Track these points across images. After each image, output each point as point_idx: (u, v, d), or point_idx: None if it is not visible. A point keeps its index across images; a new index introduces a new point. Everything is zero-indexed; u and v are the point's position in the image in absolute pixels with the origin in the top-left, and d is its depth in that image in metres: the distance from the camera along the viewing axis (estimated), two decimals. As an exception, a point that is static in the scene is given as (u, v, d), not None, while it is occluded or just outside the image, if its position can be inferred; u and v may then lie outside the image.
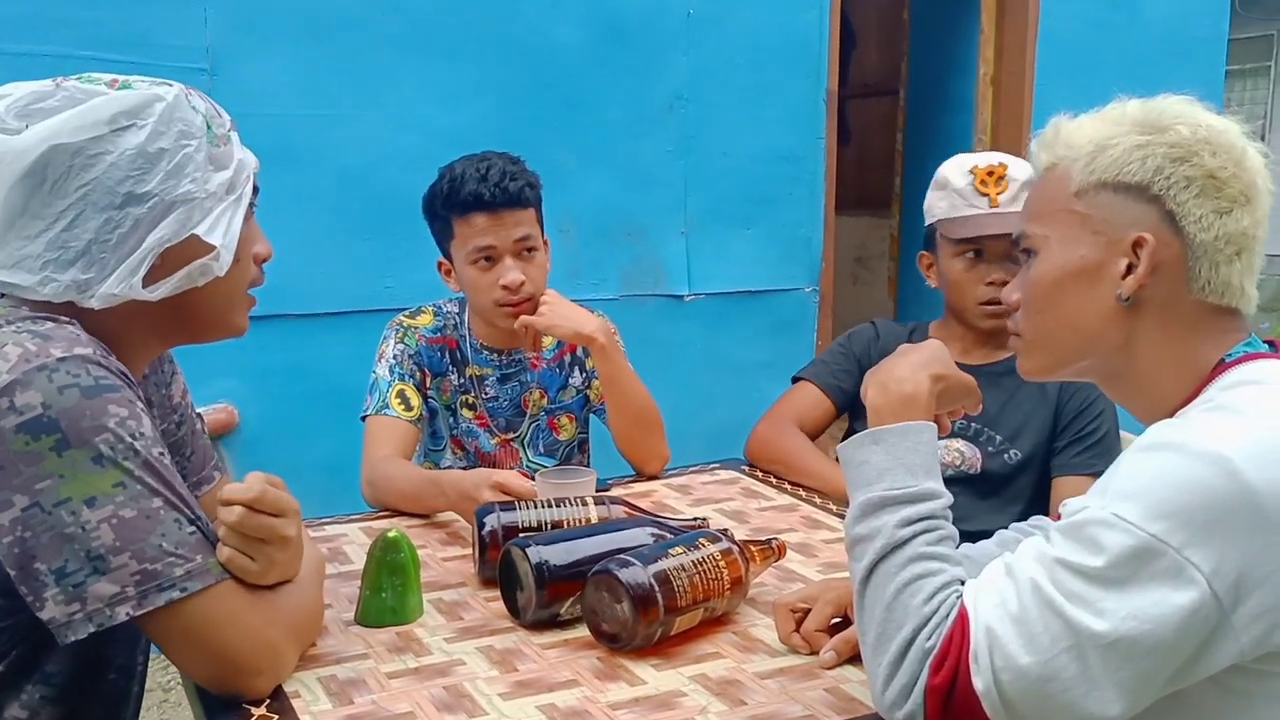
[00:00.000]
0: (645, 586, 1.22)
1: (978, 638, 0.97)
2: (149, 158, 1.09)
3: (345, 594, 1.43)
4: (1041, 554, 0.99)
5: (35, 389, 1.00)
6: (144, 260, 1.10)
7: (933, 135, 4.79)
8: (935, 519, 1.07)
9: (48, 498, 1.00)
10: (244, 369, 3.12)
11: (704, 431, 3.06)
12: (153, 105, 1.10)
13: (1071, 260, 1.10)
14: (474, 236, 1.91)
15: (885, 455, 1.10)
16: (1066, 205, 1.11)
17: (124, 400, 1.05)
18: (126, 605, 1.02)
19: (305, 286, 3.14)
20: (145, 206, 1.09)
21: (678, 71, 3.70)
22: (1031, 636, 0.95)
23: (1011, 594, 0.98)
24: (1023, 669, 0.95)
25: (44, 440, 1.00)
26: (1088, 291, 1.10)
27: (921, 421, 1.13)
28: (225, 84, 3.00)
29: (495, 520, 1.47)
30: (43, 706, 1.12)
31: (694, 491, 1.95)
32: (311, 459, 3.08)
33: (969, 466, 1.99)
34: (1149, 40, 4.40)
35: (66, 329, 1.08)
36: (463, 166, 1.92)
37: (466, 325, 2.06)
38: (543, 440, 2.09)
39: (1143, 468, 0.98)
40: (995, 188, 1.93)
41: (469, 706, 1.13)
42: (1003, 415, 1.99)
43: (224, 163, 1.16)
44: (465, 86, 3.36)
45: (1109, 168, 1.08)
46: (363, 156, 3.21)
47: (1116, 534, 0.94)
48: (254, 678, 1.12)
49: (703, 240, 3.82)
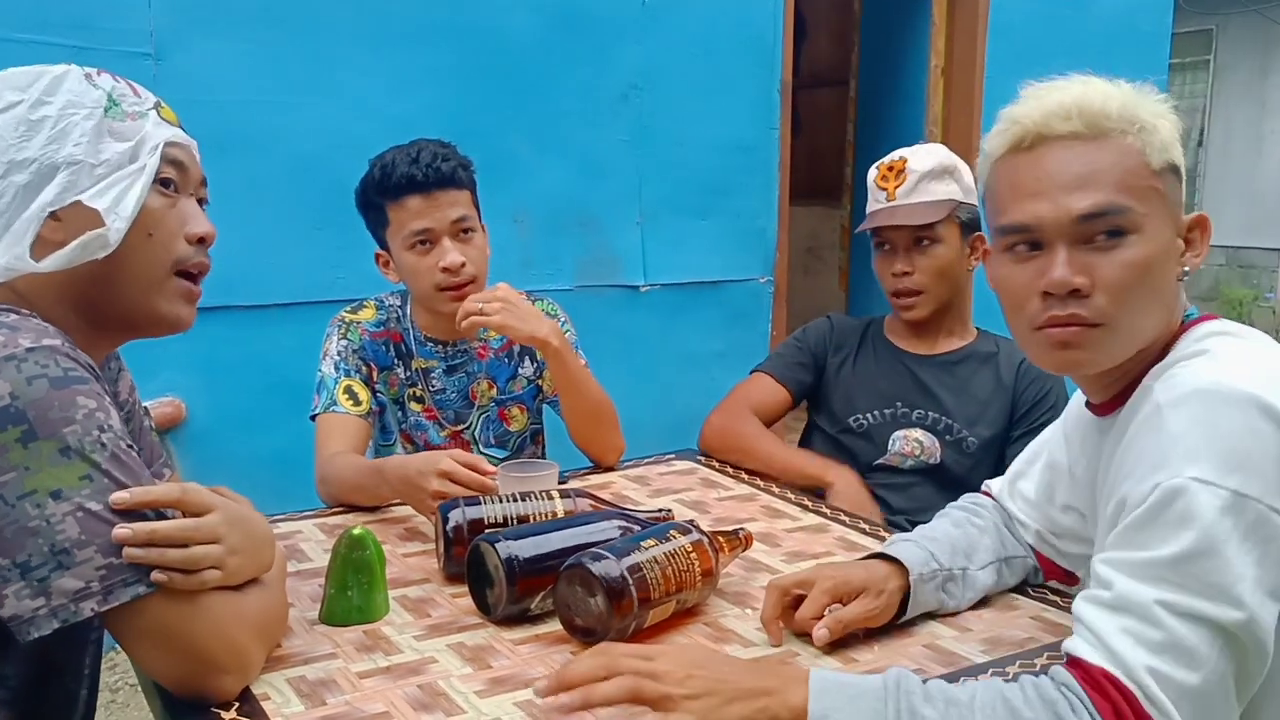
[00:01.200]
0: (619, 579, 1.21)
1: (1144, 683, 0.94)
2: (31, 125, 1.08)
3: (307, 592, 1.40)
4: (1148, 567, 0.96)
5: (3, 379, 0.98)
6: (29, 227, 1.07)
7: (883, 126, 4.83)
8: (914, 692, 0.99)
9: (11, 490, 0.97)
10: (191, 362, 3.05)
11: (660, 422, 3.05)
12: (40, 79, 1.10)
13: (1164, 240, 1.09)
14: (409, 220, 1.88)
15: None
16: (1150, 183, 1.08)
17: (92, 393, 1.03)
18: (91, 601, 0.99)
19: (254, 277, 3.08)
20: (27, 172, 1.08)
21: (632, 61, 3.68)
22: (1190, 654, 0.94)
23: (1145, 627, 0.95)
24: (1195, 690, 0.94)
25: (10, 431, 0.97)
26: (1170, 272, 1.11)
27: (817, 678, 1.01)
28: (170, 69, 2.93)
29: (460, 515, 1.44)
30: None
31: (652, 483, 1.94)
32: (262, 453, 3.03)
33: (928, 456, 2.01)
34: (1097, 33, 4.47)
35: (32, 320, 1.05)
36: (392, 153, 1.89)
37: (409, 318, 2.03)
38: (493, 431, 2.07)
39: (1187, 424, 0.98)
40: (894, 181, 1.98)
41: (445, 705, 1.11)
42: (959, 403, 2.02)
43: (126, 135, 1.13)
44: (418, 74, 3.31)
45: (1169, 148, 1.10)
46: (313, 145, 3.16)
47: (1201, 497, 0.95)
48: (221, 677, 1.09)
49: (657, 230, 3.81)
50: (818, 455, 2.04)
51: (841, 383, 2.11)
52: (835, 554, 1.57)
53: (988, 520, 1.44)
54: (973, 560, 1.38)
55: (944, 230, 1.97)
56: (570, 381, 1.95)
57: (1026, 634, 1.30)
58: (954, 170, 2.00)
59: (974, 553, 1.39)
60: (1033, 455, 1.44)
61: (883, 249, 2.03)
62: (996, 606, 1.39)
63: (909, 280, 1.99)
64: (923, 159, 1.99)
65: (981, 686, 0.99)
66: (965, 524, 1.42)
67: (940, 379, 2.05)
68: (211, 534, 1.06)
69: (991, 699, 0.97)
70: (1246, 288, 10.51)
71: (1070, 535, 1.38)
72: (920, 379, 2.05)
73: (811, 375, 2.15)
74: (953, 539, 1.38)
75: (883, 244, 2.03)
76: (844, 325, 2.18)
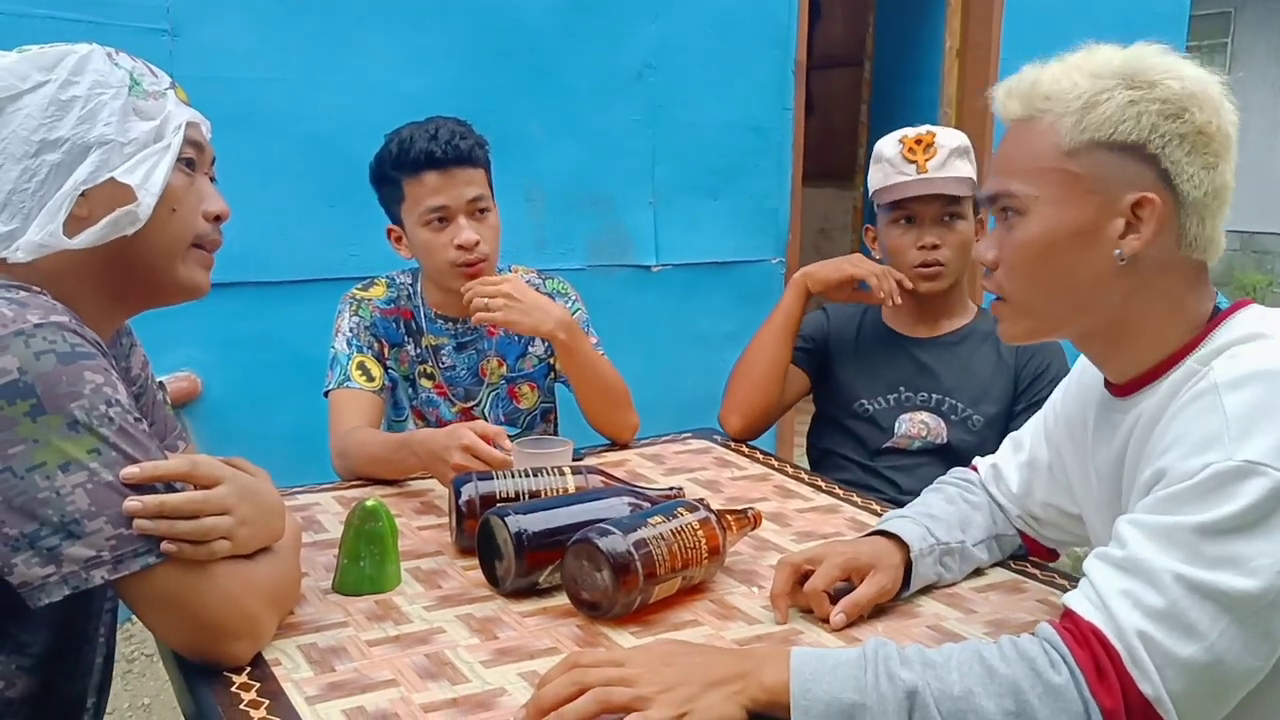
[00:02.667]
0: (625, 555, 1.23)
1: (1131, 644, 0.94)
2: (61, 105, 1.10)
3: (321, 562, 1.42)
4: (1170, 531, 0.96)
5: (12, 354, 0.99)
6: (62, 205, 1.09)
7: (897, 107, 4.81)
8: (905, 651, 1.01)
9: (20, 462, 0.99)
10: (207, 337, 3.08)
11: (672, 402, 3.06)
12: (65, 59, 1.12)
13: (1065, 222, 1.08)
14: (426, 196, 1.89)
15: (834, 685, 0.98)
16: (1057, 164, 1.08)
17: (99, 368, 1.05)
18: (102, 569, 1.01)
19: (268, 254, 3.10)
20: (60, 151, 1.09)
21: (646, 40, 3.67)
22: (1188, 626, 0.93)
23: (1147, 590, 0.95)
24: (1186, 661, 0.93)
25: (19, 405, 0.99)
26: (1083, 253, 1.08)
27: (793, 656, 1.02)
28: (186, 45, 2.94)
29: (473, 490, 1.46)
30: (18, 676, 1.12)
31: (667, 461, 1.96)
32: (276, 428, 3.06)
33: (934, 437, 2.02)
34: (1114, 14, 4.44)
35: (41, 297, 1.07)
36: (410, 130, 1.91)
37: (420, 295, 2.04)
38: (503, 409, 2.08)
39: (1248, 405, 0.96)
40: (924, 155, 1.98)
41: (451, 674, 1.13)
42: (961, 383, 2.02)
43: (150, 114, 1.15)
44: (432, 53, 3.31)
45: (1102, 126, 1.05)
46: (327, 122, 3.17)
47: (1254, 480, 0.93)
48: (233, 643, 1.11)
49: (670, 210, 3.81)
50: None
51: (844, 371, 2.12)
52: (845, 534, 1.58)
53: (980, 497, 1.45)
54: (968, 534, 1.39)
55: (967, 208, 2.00)
56: (579, 369, 1.96)
57: (1032, 616, 1.31)
58: (970, 152, 2.03)
59: (969, 527, 1.40)
60: (1014, 447, 1.45)
61: (905, 222, 2.01)
62: (1002, 589, 1.40)
63: (937, 253, 1.99)
64: (951, 136, 2.00)
65: (959, 648, 1.00)
66: (958, 500, 1.44)
67: (942, 360, 2.05)
68: (221, 505, 1.08)
69: (968, 658, 0.98)
70: (1261, 273, 10.45)
71: (1050, 524, 1.41)
72: (921, 361, 2.06)
73: (815, 365, 2.16)
74: (948, 514, 1.40)
75: (906, 217, 2.01)
76: (839, 314, 2.19)
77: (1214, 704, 0.97)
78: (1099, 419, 1.22)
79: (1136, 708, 0.94)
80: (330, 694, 1.09)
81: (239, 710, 1.05)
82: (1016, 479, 1.42)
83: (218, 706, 1.06)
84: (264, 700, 1.07)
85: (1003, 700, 0.94)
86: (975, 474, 1.50)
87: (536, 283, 2.09)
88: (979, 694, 0.95)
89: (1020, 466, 1.42)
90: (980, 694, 0.95)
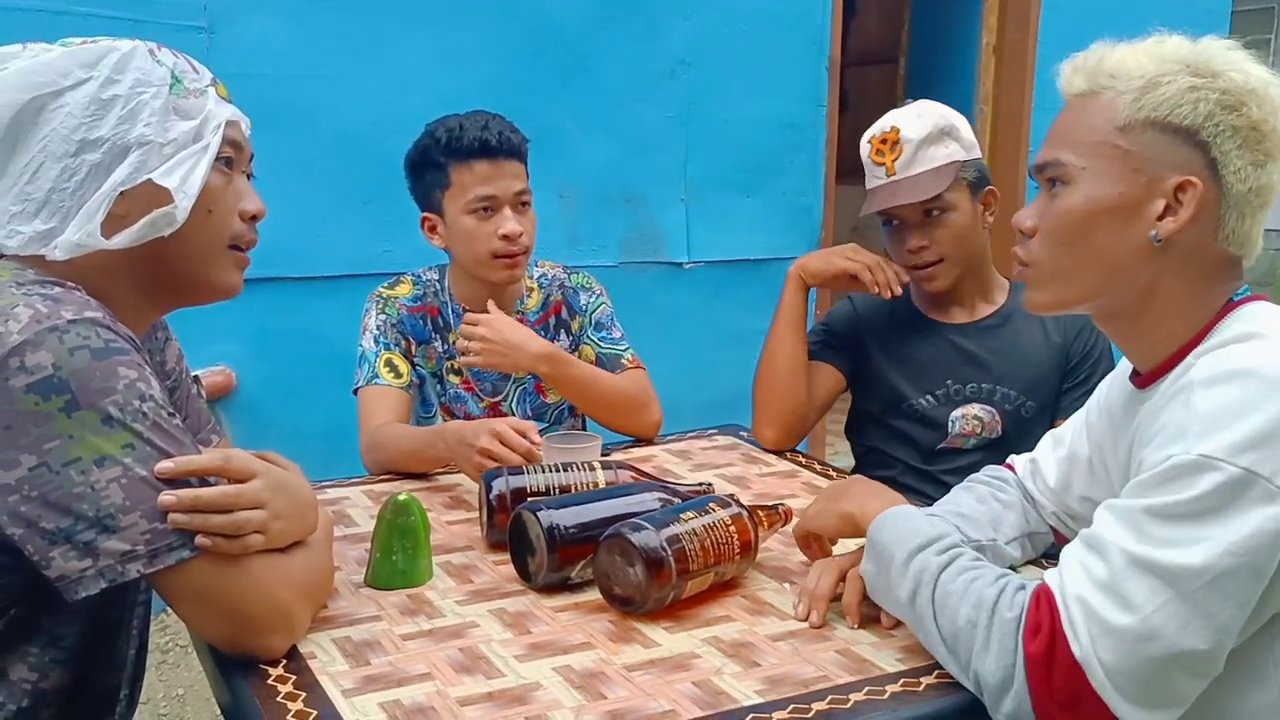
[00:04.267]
0: (658, 550, 1.22)
1: (1069, 607, 1.01)
2: (102, 104, 1.09)
3: (353, 556, 1.43)
4: (1125, 511, 1.01)
5: (46, 350, 1.00)
6: (101, 205, 1.09)
7: (933, 104, 4.76)
8: (961, 547, 1.14)
9: (56, 458, 1.00)
10: (242, 332, 3.10)
11: (703, 400, 3.06)
12: (108, 56, 1.11)
13: (1109, 195, 1.09)
14: (476, 184, 1.91)
15: (891, 537, 1.18)
16: (1108, 138, 1.09)
17: (133, 363, 1.05)
18: (138, 563, 1.02)
19: (303, 249, 3.12)
20: (100, 151, 1.09)
21: (679, 37, 3.67)
22: (1124, 597, 0.98)
23: (1096, 562, 1.01)
24: (1120, 630, 0.98)
25: (54, 401, 0.99)
26: (1120, 229, 1.10)
27: (893, 508, 1.23)
28: (223, 42, 2.97)
29: (503, 484, 1.47)
30: (52, 669, 1.13)
31: (694, 457, 1.95)
32: (310, 422, 3.07)
33: (989, 431, 1.93)
34: (1154, 9, 4.35)
35: (75, 293, 1.08)
36: (459, 119, 1.92)
37: (447, 290, 2.05)
38: (529, 403, 2.09)
39: (1216, 402, 0.99)
40: (890, 155, 1.88)
41: (485, 668, 1.14)
42: (1009, 368, 1.93)
43: (190, 113, 1.15)
44: (466, 50, 3.32)
45: (1159, 106, 1.07)
46: (362, 119, 3.18)
47: (1208, 474, 0.96)
48: (268, 637, 1.12)
49: (703, 208, 3.80)
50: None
51: (883, 366, 2.01)
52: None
53: (1013, 495, 1.43)
54: (1000, 533, 1.38)
55: (953, 196, 1.87)
56: (573, 394, 1.97)
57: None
58: (951, 130, 1.89)
59: (1000, 526, 1.39)
60: (1054, 442, 1.44)
61: (891, 225, 1.93)
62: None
63: (925, 254, 1.89)
64: (915, 125, 1.87)
65: (981, 565, 1.12)
66: (989, 499, 1.42)
67: (987, 346, 1.95)
68: (254, 499, 1.09)
69: (960, 573, 1.10)
70: (1303, 274, 10.27)
71: (1086, 520, 1.38)
72: (965, 350, 1.95)
73: (849, 359, 2.05)
74: (978, 513, 1.39)
75: (890, 220, 1.92)
76: (867, 304, 2.06)
77: (1157, 682, 0.99)
78: (1126, 412, 1.23)
79: (1063, 664, 1.00)
80: (366, 687, 1.09)
81: (276, 702, 1.06)
82: (1055, 474, 1.41)
83: (255, 699, 1.07)
84: (300, 692, 1.08)
85: (968, 611, 1.07)
86: (1009, 472, 1.48)
87: (562, 278, 2.10)
88: (957, 595, 1.08)
89: (1059, 461, 1.40)
90: (953, 603, 1.08)
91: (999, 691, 1.03)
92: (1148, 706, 0.99)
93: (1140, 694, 0.98)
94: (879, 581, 1.19)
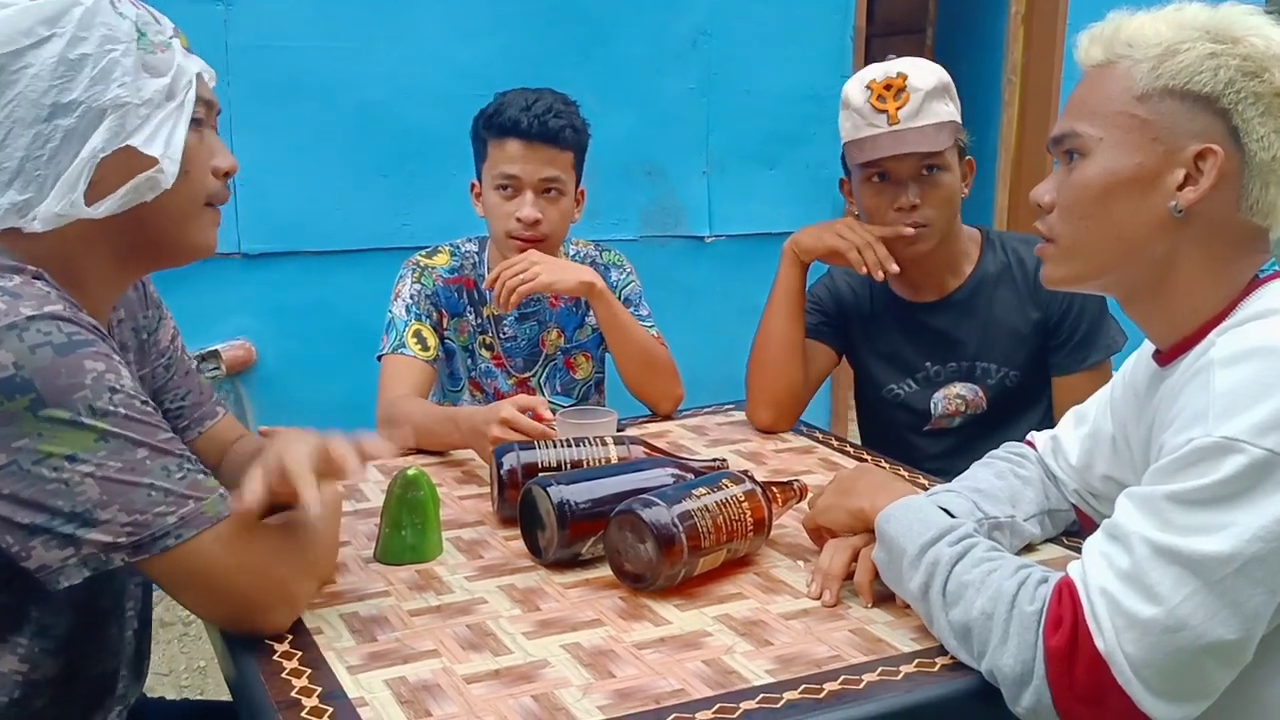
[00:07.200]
0: (669, 526, 1.21)
1: (1093, 600, 0.98)
2: (70, 64, 1.04)
3: (363, 531, 1.42)
4: (1146, 499, 0.98)
5: (6, 348, 0.96)
6: (82, 174, 1.05)
7: (960, 75, 4.64)
8: (974, 536, 1.12)
9: (26, 456, 0.97)
10: (261, 306, 3.11)
11: (722, 374, 3.02)
12: (70, 11, 1.04)
13: (1127, 166, 1.07)
14: (502, 162, 1.91)
15: (900, 529, 1.16)
16: (1126, 108, 1.07)
17: (99, 354, 1.01)
18: (121, 553, 1.00)
19: (321, 223, 3.12)
20: (73, 116, 1.04)
21: (701, 7, 3.62)
22: (1149, 588, 0.95)
23: (1119, 553, 0.98)
24: (1147, 622, 0.95)
25: (18, 400, 0.96)
26: (1139, 200, 1.07)
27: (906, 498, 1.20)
28: (241, 13, 2.94)
29: (514, 459, 1.45)
30: (43, 659, 1.11)
31: (709, 432, 1.93)
32: (329, 396, 3.08)
33: (974, 408, 1.90)
34: (1186, -22, 4.29)
35: (36, 285, 1.03)
36: (513, 94, 1.92)
37: (486, 264, 2.04)
38: (560, 380, 2.08)
39: (1236, 381, 0.96)
40: (894, 102, 1.74)
41: (493, 645, 1.12)
42: (986, 341, 1.88)
43: (161, 69, 1.10)
44: (485, 21, 3.30)
45: (1178, 74, 1.04)
46: (381, 91, 3.17)
47: (1231, 457, 0.93)
48: (267, 614, 1.10)
49: (724, 180, 3.77)
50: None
51: (863, 352, 1.99)
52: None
53: (1032, 472, 1.41)
54: (1018, 509, 1.35)
55: (950, 157, 1.78)
56: (618, 324, 1.95)
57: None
58: (949, 88, 1.79)
59: (1019, 502, 1.36)
60: (1077, 419, 1.40)
61: (878, 180, 1.80)
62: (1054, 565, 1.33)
63: (917, 214, 1.78)
64: (924, 75, 1.76)
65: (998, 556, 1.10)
66: (1008, 475, 1.39)
67: (960, 323, 1.89)
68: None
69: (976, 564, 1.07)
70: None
71: (1109, 500, 1.35)
72: (939, 330, 1.90)
73: (839, 335, 2.01)
74: (997, 489, 1.36)
75: (880, 175, 1.79)
76: (848, 281, 2.00)
77: (1185, 675, 0.96)
78: (1149, 389, 1.20)
79: (1086, 658, 0.97)
80: (372, 664, 1.08)
81: (281, 679, 1.05)
82: (1077, 451, 1.38)
83: (260, 675, 1.06)
84: (306, 669, 1.07)
85: (984, 603, 1.04)
86: (1029, 449, 1.46)
87: (594, 254, 2.10)
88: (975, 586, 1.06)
89: (1082, 438, 1.38)
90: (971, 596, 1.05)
91: (1018, 685, 1.01)
92: (1174, 699, 0.96)
93: (1167, 687, 0.96)
94: (890, 571, 1.17)
